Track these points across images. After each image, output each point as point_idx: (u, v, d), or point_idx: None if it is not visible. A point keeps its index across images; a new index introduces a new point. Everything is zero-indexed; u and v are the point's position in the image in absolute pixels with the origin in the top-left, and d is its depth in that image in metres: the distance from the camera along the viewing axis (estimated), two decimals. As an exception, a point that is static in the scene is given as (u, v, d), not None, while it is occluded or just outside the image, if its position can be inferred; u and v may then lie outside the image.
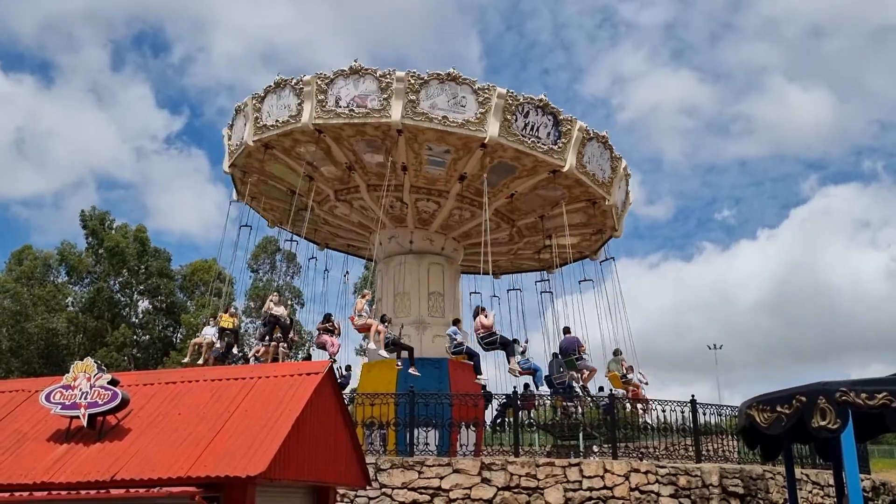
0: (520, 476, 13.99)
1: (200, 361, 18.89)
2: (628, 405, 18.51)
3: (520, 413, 15.93)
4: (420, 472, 13.94)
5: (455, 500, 13.72)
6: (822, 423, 7.31)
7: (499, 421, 18.23)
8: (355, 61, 17.98)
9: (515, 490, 13.88)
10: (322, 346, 18.12)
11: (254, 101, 19.48)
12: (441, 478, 13.89)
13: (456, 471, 13.95)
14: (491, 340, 17.62)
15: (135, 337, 47.32)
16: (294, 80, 18.45)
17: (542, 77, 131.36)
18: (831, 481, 14.67)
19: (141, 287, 48.37)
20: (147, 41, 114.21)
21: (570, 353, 18.64)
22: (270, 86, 19.04)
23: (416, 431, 15.11)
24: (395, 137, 18.07)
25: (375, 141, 18.49)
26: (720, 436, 16.86)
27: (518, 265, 25.88)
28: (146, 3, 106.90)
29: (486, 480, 13.89)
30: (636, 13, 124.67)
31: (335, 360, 16.95)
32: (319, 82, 18.02)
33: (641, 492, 14.25)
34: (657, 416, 16.57)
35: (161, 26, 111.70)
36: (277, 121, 18.84)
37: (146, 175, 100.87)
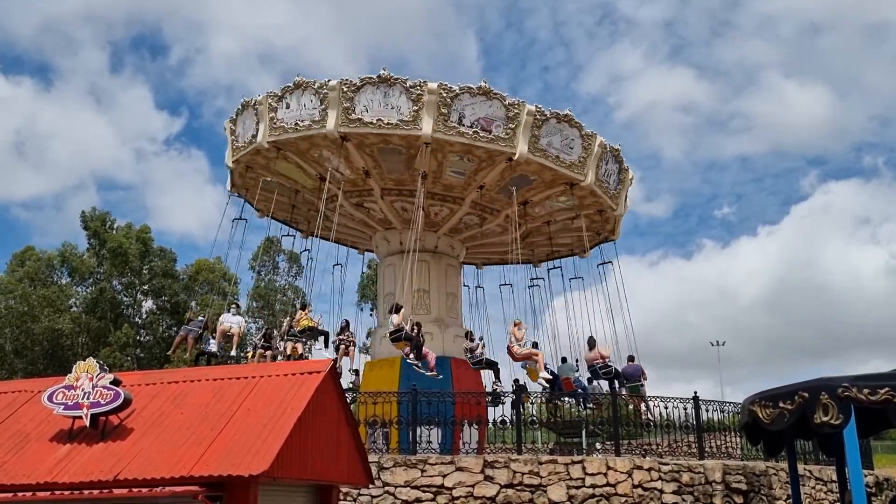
0: (523, 474, 13.99)
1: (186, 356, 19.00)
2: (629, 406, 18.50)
3: (521, 409, 15.91)
4: (423, 471, 13.94)
5: (458, 498, 13.72)
6: (825, 419, 7.31)
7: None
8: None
9: (518, 488, 13.88)
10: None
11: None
12: (444, 476, 13.89)
13: (459, 469, 13.95)
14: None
15: (138, 337, 47.37)
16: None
17: (542, 74, 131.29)
18: (834, 477, 14.65)
19: (145, 287, 48.41)
20: (145, 43, 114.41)
21: (634, 379, 18.71)
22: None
23: (418, 430, 15.11)
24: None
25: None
26: (723, 432, 16.85)
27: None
28: (143, 5, 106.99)
29: (488, 478, 13.90)
30: (635, 9, 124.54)
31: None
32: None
33: (644, 489, 14.24)
34: (660, 413, 16.57)
35: (159, 27, 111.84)
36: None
37: (146, 176, 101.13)
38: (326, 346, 18.74)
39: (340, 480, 10.24)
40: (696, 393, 16.48)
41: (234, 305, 21.23)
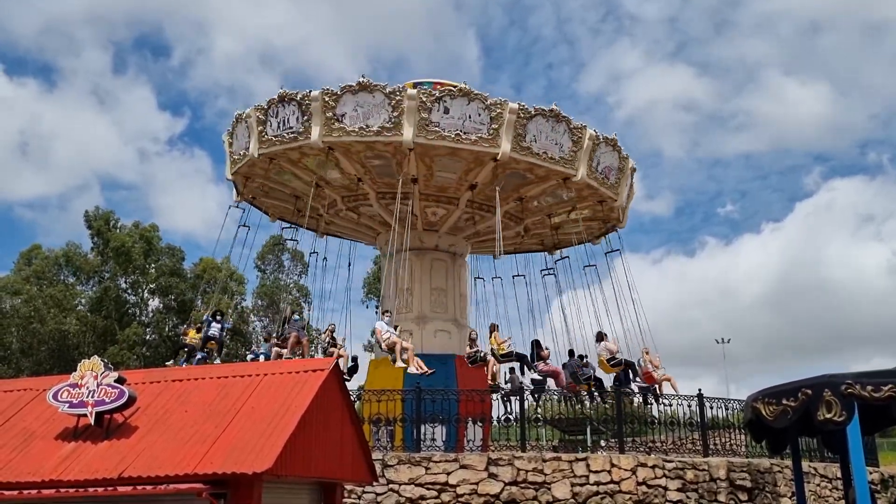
0: (527, 471, 14.00)
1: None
2: (636, 399, 18.38)
3: (526, 405, 15.90)
4: (427, 468, 13.96)
5: (462, 495, 13.73)
6: (828, 416, 7.29)
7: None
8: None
9: (522, 485, 13.89)
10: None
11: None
12: (448, 473, 13.91)
13: (463, 466, 13.96)
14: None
15: (144, 336, 47.49)
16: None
17: (546, 72, 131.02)
18: (839, 474, 14.62)
19: (152, 286, 48.50)
20: (147, 43, 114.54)
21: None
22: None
23: (423, 427, 15.13)
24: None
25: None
26: (728, 430, 16.83)
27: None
28: (145, 5, 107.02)
29: (492, 475, 13.90)
30: (638, 5, 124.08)
31: None
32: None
33: (649, 486, 14.24)
34: (664, 410, 16.58)
35: (160, 28, 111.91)
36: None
37: (149, 176, 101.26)
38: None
39: (344, 478, 10.27)
40: (700, 390, 16.48)
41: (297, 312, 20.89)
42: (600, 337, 19.07)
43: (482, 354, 17.90)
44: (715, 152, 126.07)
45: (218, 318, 20.41)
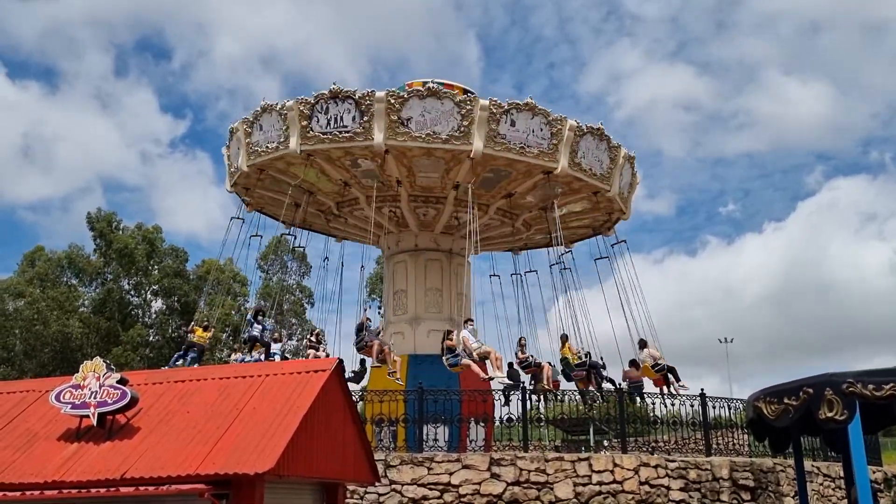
0: (529, 471, 14.00)
1: None
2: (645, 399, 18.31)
3: (528, 405, 15.90)
4: (429, 468, 13.97)
5: (465, 495, 13.74)
6: (830, 415, 7.28)
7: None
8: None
9: (525, 485, 13.89)
10: None
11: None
12: (450, 473, 13.91)
13: (465, 466, 13.97)
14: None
15: (148, 337, 47.53)
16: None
17: (548, 72, 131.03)
18: (842, 473, 14.60)
19: (155, 287, 48.54)
20: (148, 46, 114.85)
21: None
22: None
23: (425, 428, 15.14)
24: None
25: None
26: (730, 429, 16.82)
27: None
28: (145, 8, 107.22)
29: (495, 476, 13.91)
30: (640, 5, 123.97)
31: None
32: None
33: (651, 486, 14.23)
34: (667, 410, 16.55)
35: (162, 30, 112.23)
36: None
37: (151, 178, 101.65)
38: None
39: (346, 478, 10.28)
40: (702, 390, 16.48)
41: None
42: (643, 344, 18.94)
43: (535, 361, 17.87)
44: (716, 152, 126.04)
45: (259, 317, 19.15)
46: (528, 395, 16.10)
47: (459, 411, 15.81)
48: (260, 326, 18.75)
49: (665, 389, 18.11)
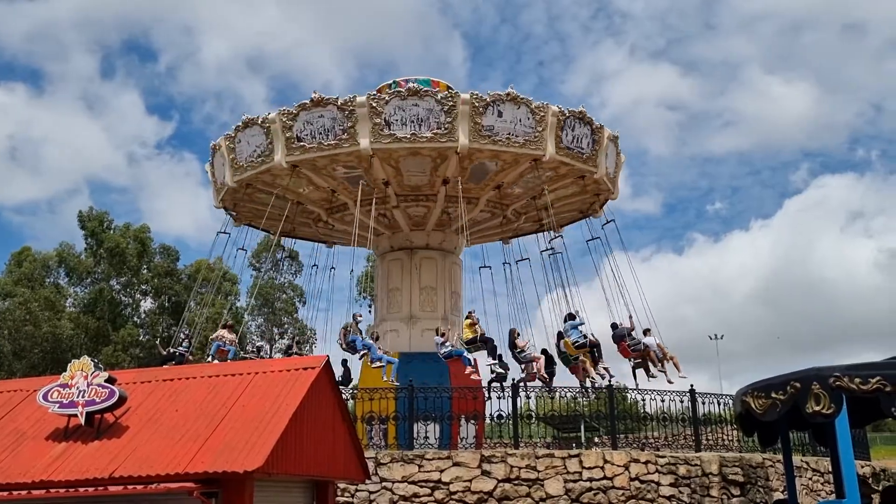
0: (520, 468, 14.01)
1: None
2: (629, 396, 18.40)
3: (518, 402, 15.90)
4: (420, 466, 13.96)
5: (455, 492, 13.74)
6: (817, 409, 7.35)
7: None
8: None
9: (516, 482, 13.90)
10: None
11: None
12: (441, 471, 13.91)
13: (456, 464, 13.97)
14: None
15: (138, 337, 47.30)
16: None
17: (538, 69, 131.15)
18: (831, 468, 14.70)
19: (144, 287, 48.32)
20: (135, 47, 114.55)
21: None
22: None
23: (416, 425, 15.15)
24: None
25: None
26: (720, 425, 16.89)
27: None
28: (132, 10, 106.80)
29: (486, 473, 13.91)
30: (630, 3, 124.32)
31: None
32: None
33: (642, 482, 14.27)
34: (657, 406, 16.60)
35: (148, 33, 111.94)
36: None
37: (139, 180, 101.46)
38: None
39: (337, 476, 10.28)
40: (692, 386, 16.53)
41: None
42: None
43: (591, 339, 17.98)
44: (702, 150, 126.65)
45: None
46: (517, 392, 16.06)
47: (450, 409, 15.81)
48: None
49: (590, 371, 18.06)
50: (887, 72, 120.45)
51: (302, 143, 18.18)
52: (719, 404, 16.76)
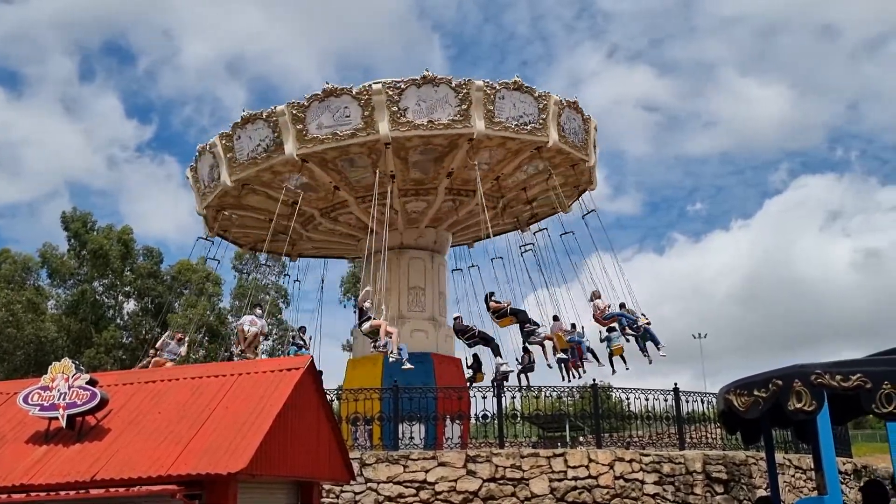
0: (505, 468, 14.03)
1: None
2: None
3: (503, 402, 15.91)
4: (405, 466, 13.95)
5: (441, 493, 13.74)
6: (798, 406, 7.38)
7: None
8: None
9: (501, 481, 13.92)
10: None
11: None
12: (426, 471, 13.91)
13: (441, 464, 13.97)
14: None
15: (122, 339, 46.94)
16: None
17: (521, 69, 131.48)
18: (813, 465, 14.81)
19: (127, 289, 47.94)
20: (114, 51, 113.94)
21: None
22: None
23: (401, 426, 15.12)
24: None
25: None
26: (704, 423, 16.99)
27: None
28: (111, 12, 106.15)
29: (471, 473, 13.92)
30: (614, 4, 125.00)
31: None
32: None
33: (626, 480, 14.33)
34: (642, 405, 16.68)
35: (127, 35, 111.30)
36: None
37: (119, 183, 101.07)
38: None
39: (321, 477, 10.24)
40: (676, 384, 16.63)
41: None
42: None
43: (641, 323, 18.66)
44: (681, 151, 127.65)
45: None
46: (502, 392, 16.07)
47: (435, 409, 15.80)
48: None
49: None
50: (863, 73, 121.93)
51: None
52: (703, 403, 16.87)
